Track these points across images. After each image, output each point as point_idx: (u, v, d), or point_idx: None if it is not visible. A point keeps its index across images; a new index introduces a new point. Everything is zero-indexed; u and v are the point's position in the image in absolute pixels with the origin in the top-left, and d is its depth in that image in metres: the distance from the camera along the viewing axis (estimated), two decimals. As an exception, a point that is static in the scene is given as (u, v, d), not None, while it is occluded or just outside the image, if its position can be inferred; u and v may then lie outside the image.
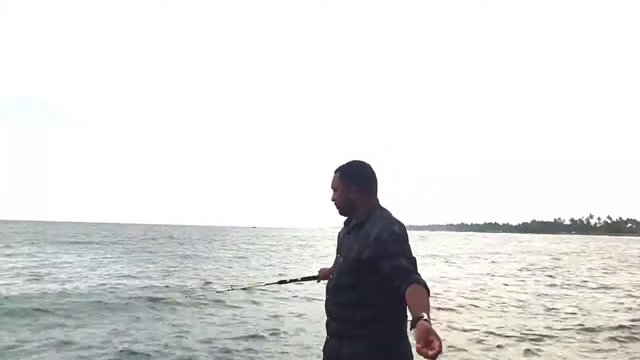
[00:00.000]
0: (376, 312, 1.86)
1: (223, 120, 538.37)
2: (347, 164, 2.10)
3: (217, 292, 9.03)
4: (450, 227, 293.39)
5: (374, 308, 1.85)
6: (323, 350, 2.06)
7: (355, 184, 2.04)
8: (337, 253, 2.10)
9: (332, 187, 2.11)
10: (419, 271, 1.80)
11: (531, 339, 6.20)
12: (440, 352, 1.33)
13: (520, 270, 17.74)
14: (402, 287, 1.67)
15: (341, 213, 2.11)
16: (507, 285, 12.69)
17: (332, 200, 2.12)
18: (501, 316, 7.91)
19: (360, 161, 2.11)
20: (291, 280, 2.82)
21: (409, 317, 1.89)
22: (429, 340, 1.37)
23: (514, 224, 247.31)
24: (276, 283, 2.95)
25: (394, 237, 1.83)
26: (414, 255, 1.87)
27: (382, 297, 1.83)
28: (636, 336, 6.53)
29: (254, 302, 8.60)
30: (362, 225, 1.97)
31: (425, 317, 1.49)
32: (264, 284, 3.41)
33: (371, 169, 2.09)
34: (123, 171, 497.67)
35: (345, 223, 2.11)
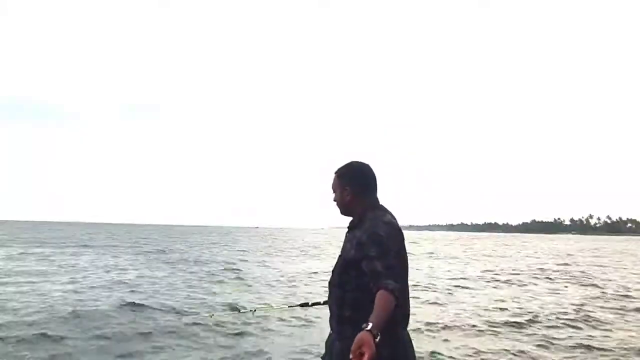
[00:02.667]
0: (358, 312, 1.85)
1: (223, 120, 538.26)
2: (344, 165, 2.12)
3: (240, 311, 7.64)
4: (451, 227, 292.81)
5: (354, 308, 1.88)
6: (325, 344, 2.12)
7: (349, 185, 2.06)
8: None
9: (332, 189, 2.14)
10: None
11: None
12: None
13: None
14: (374, 290, 1.69)
15: (342, 214, 2.14)
16: None
17: (334, 201, 2.15)
18: None
19: (357, 162, 2.11)
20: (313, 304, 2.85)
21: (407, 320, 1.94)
22: (361, 351, 1.41)
23: (513, 224, 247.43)
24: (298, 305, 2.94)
25: (375, 239, 1.82)
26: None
27: (362, 298, 1.83)
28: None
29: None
30: (357, 226, 2.00)
31: (369, 327, 1.49)
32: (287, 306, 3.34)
33: (368, 169, 2.09)
34: (123, 171, 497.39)
35: (349, 223, 2.12)
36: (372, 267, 1.76)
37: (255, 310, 4.67)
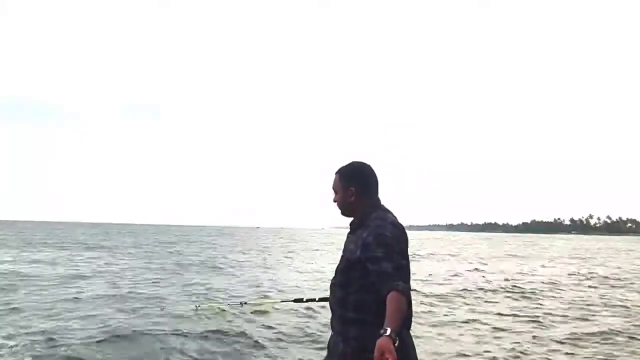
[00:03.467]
0: (362, 313, 1.86)
1: (224, 120, 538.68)
2: (347, 165, 2.10)
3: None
4: (451, 227, 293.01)
5: (358, 309, 1.87)
6: (327, 346, 2.10)
7: (353, 185, 2.04)
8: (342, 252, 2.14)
9: (333, 189, 2.12)
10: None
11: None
12: None
13: None
14: (383, 293, 1.69)
15: (343, 214, 2.12)
16: None
17: (334, 201, 2.13)
18: None
19: (359, 162, 2.10)
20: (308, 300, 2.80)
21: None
22: (384, 358, 1.41)
23: (514, 224, 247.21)
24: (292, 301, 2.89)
25: (381, 239, 1.82)
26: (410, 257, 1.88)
27: (366, 299, 1.84)
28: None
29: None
30: (359, 226, 1.99)
31: (389, 332, 1.48)
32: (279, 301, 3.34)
33: (370, 169, 2.09)
34: (123, 171, 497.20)
35: (350, 224, 2.11)
36: (380, 268, 1.76)
37: (246, 302, 4.53)
